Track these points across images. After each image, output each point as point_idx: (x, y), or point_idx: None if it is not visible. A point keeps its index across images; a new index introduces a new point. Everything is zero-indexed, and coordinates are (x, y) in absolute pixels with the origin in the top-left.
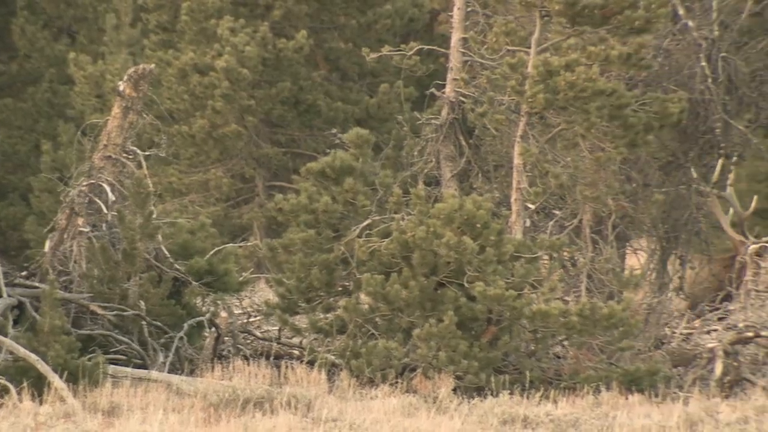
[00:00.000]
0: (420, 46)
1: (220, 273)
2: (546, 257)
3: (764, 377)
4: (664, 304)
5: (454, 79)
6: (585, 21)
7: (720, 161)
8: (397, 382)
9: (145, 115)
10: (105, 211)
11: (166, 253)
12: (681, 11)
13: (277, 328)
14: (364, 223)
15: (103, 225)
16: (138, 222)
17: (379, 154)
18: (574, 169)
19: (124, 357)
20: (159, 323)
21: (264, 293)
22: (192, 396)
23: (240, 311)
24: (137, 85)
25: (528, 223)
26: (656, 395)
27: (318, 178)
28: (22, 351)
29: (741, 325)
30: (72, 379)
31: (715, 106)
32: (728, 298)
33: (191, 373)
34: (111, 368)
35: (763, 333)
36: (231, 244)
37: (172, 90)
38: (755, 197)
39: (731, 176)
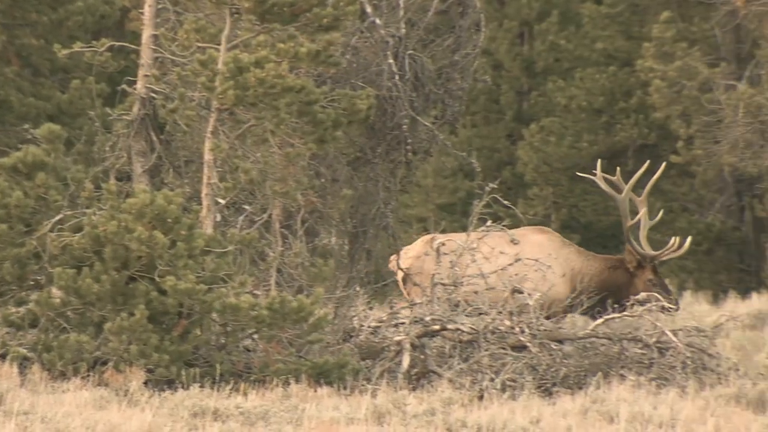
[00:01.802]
0: (111, 43)
1: None
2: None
3: (450, 369)
4: (352, 298)
5: (146, 76)
6: (274, 18)
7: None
8: (88, 376)
9: None
10: None
11: None
12: (369, 9)
13: None
14: (56, 218)
15: None
16: None
17: (71, 149)
18: (264, 164)
19: None
20: None
21: None
22: None
23: None
24: None
25: (218, 218)
26: (345, 388)
27: (10, 173)
28: None
29: (428, 318)
30: None
31: (402, 102)
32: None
33: None
34: None
35: (449, 326)
36: None
37: None
38: (661, 210)
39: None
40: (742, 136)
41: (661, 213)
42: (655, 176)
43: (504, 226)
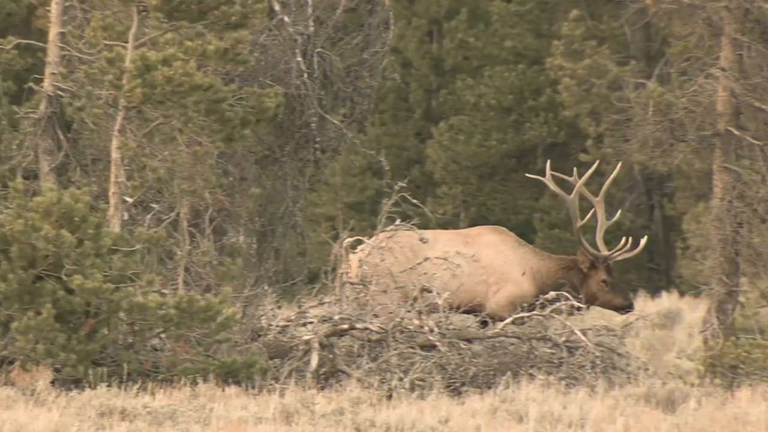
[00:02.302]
0: (18, 41)
1: None
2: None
3: (359, 369)
4: (261, 297)
5: (53, 74)
6: (182, 16)
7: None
8: None
9: None
10: None
11: None
12: (277, 7)
13: None
14: None
15: None
16: None
17: None
18: (171, 163)
19: None
20: None
21: None
22: None
23: None
24: None
25: (126, 217)
26: (253, 387)
27: None
28: None
29: (336, 317)
30: None
31: (310, 100)
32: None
33: None
34: None
35: (357, 325)
36: None
37: None
38: (619, 210)
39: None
40: (651, 134)
41: (619, 213)
42: (612, 176)
43: (413, 224)
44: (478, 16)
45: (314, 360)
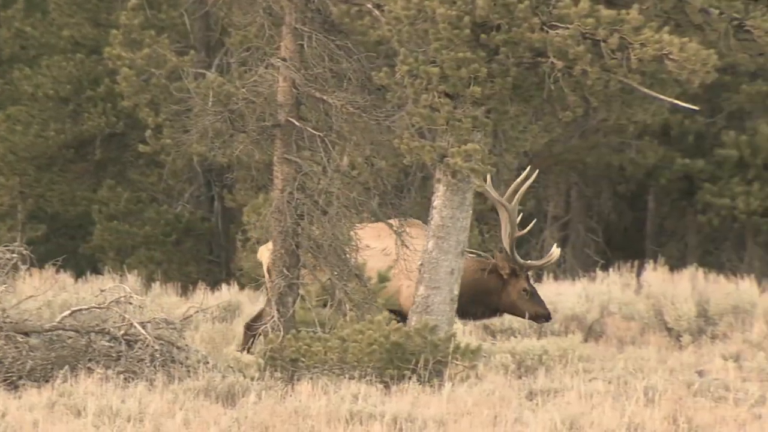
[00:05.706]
0: None
1: None
2: None
3: None
4: None
5: None
6: None
7: None
8: None
9: None
10: None
11: None
12: None
13: None
14: None
15: None
16: None
17: None
18: None
19: None
20: None
21: None
22: None
23: None
24: None
25: None
26: None
27: None
28: None
29: None
30: None
31: None
32: None
33: None
34: None
35: None
36: None
37: None
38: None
39: None
40: (211, 125)
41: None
42: (527, 182)
43: None
44: (36, 5)
45: None
